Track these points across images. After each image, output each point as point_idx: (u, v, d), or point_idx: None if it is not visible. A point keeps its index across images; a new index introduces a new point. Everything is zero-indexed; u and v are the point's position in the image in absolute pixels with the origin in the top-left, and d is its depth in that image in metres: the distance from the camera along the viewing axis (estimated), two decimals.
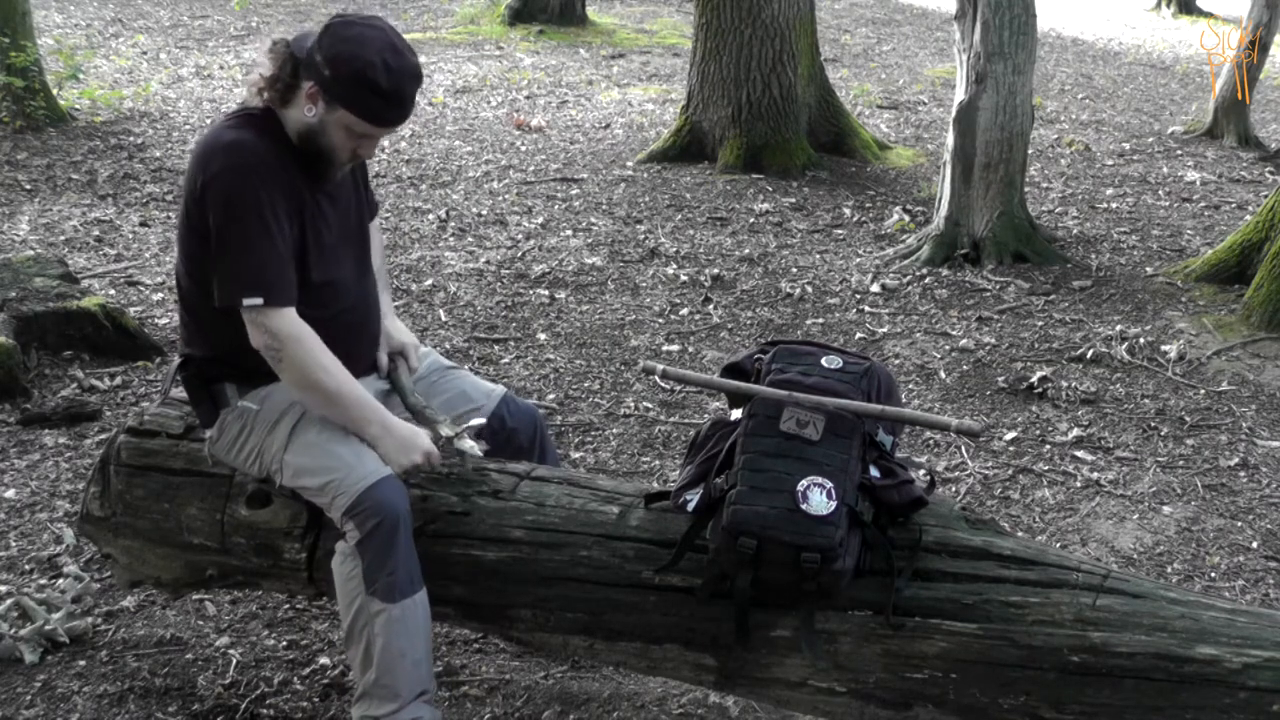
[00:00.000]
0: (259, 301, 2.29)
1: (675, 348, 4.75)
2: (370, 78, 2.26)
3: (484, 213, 6.38)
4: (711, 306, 5.19)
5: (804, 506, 2.13)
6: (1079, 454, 3.96)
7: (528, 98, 9.19)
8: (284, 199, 2.33)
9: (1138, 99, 9.93)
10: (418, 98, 2.38)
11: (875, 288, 5.44)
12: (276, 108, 2.37)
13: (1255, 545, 3.48)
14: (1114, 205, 6.87)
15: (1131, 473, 3.86)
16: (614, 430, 4.07)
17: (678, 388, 4.35)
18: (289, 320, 2.32)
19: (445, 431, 2.47)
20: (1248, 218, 6.06)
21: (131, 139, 7.44)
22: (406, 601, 2.34)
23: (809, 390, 2.29)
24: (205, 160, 2.31)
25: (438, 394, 2.67)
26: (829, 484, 2.16)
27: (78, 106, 7.93)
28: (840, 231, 6.27)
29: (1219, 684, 2.02)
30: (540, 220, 6.28)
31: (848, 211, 6.59)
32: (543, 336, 4.82)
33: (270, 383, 2.45)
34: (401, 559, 2.33)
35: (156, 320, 4.77)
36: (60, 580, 3.09)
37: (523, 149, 7.74)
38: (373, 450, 2.38)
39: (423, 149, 7.62)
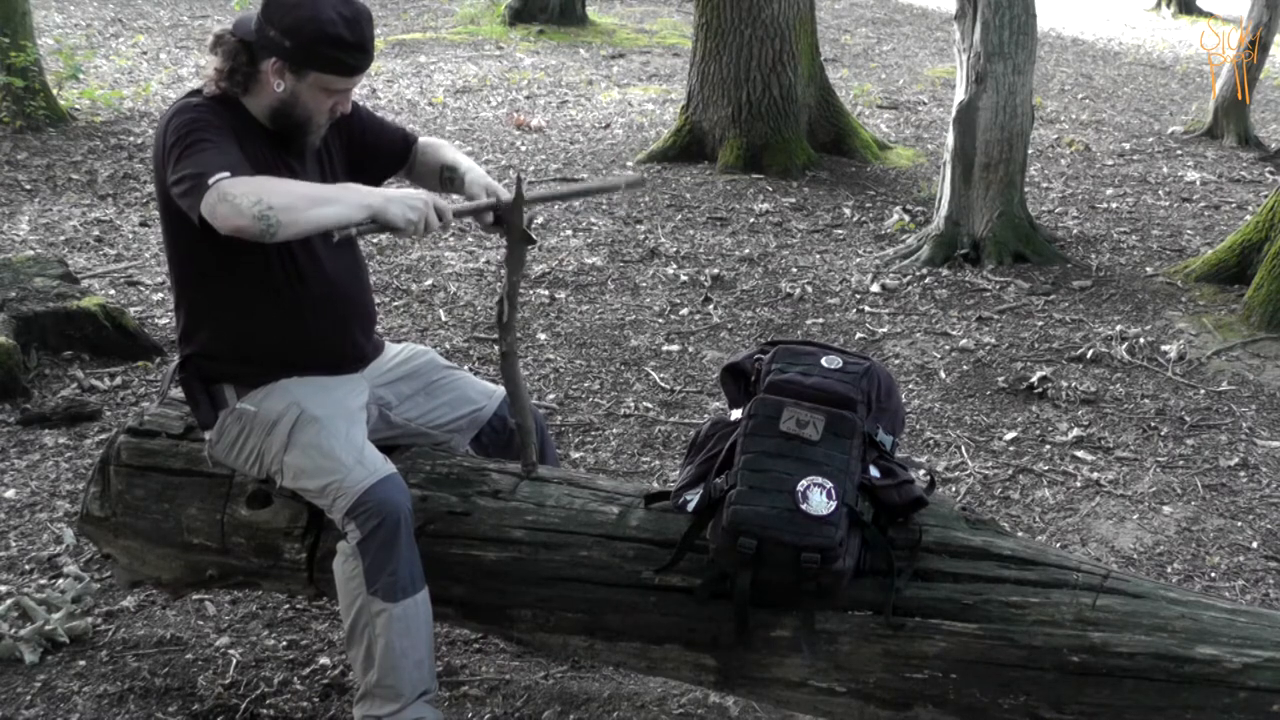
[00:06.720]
0: (225, 175, 2.14)
1: (675, 348, 4.75)
2: (333, 34, 2.26)
3: None
4: (711, 306, 5.19)
5: (804, 507, 2.14)
6: (1079, 454, 3.96)
7: (528, 98, 9.19)
8: (236, 137, 2.29)
9: (1138, 99, 9.93)
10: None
11: (875, 288, 5.44)
12: (239, 97, 2.36)
13: (1255, 545, 3.48)
14: (1114, 205, 6.87)
15: (1131, 473, 3.86)
16: (614, 430, 4.07)
17: (678, 388, 4.36)
18: (254, 177, 2.20)
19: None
20: (1248, 218, 6.06)
21: (131, 139, 7.43)
22: (408, 601, 2.34)
23: (809, 390, 2.29)
24: (159, 135, 2.31)
25: (437, 394, 2.67)
26: (829, 484, 2.16)
27: (78, 106, 7.92)
28: (840, 231, 6.27)
29: (1219, 684, 2.02)
30: (540, 220, 6.27)
31: (848, 211, 6.59)
32: (543, 336, 4.82)
33: (268, 383, 2.44)
34: (403, 558, 2.33)
35: (156, 320, 4.77)
36: (60, 580, 3.09)
37: (523, 149, 7.74)
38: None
39: None
